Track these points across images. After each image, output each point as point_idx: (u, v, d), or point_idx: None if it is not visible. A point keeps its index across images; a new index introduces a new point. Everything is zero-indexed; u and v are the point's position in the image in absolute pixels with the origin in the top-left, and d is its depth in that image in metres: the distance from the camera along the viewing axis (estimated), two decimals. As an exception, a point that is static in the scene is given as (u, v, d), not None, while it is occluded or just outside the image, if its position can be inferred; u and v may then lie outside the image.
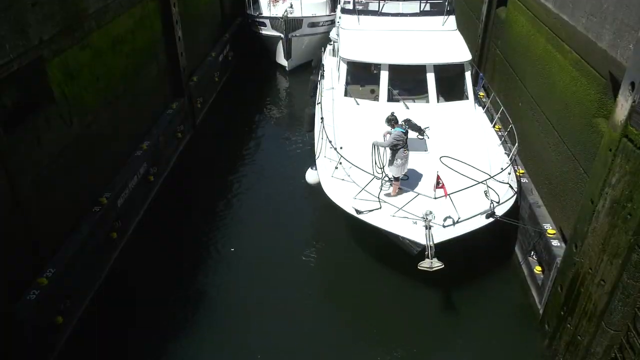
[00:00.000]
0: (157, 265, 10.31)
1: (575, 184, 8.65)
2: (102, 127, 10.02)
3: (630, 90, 6.16)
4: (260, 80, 19.57)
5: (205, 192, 12.72)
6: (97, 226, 9.30)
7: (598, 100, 7.97)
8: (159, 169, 12.29)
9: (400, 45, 12.52)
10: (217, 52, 17.80)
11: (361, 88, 12.57)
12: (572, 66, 8.94)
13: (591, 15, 8.25)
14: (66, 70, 8.79)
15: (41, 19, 7.99)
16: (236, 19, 20.94)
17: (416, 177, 9.58)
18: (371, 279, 10.04)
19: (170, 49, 13.46)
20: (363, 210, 8.86)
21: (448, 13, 13.48)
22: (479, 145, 10.54)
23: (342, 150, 9.97)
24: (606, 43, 7.73)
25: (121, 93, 10.85)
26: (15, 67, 7.47)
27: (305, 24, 18.69)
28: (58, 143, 8.56)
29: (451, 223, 8.43)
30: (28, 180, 7.81)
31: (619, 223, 6.38)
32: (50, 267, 8.11)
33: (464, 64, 12.03)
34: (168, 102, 13.64)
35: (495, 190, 9.23)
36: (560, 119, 9.36)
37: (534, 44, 10.83)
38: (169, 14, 13.07)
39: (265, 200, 12.45)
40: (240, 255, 10.70)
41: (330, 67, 14.32)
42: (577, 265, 7.40)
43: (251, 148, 14.86)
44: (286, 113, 17.72)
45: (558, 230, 9.20)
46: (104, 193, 9.93)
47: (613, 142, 6.49)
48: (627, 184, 6.22)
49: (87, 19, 9.39)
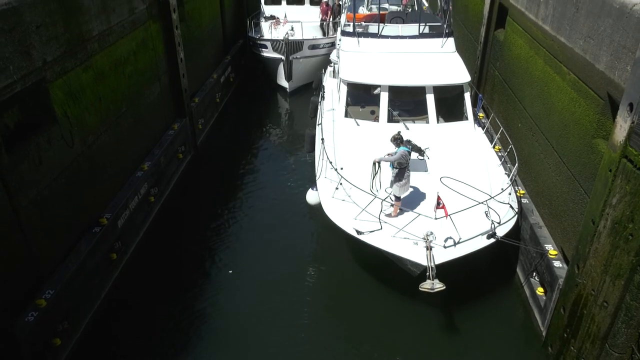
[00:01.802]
0: (156, 286, 10.24)
1: (575, 204, 8.64)
2: (104, 147, 10.07)
3: (629, 111, 6.20)
4: (261, 101, 19.71)
5: (206, 212, 12.70)
6: (96, 247, 9.26)
7: (597, 121, 8.01)
8: (159, 189, 12.30)
9: (400, 67, 12.63)
10: (219, 73, 17.97)
11: (361, 109, 12.64)
12: (570, 87, 9.01)
13: (588, 37, 8.35)
14: (69, 91, 8.86)
15: (45, 40, 8.09)
16: (238, 41, 21.20)
17: (417, 198, 9.57)
18: (372, 300, 9.95)
19: (172, 70, 13.60)
20: (364, 231, 8.83)
21: (447, 35, 13.63)
22: (479, 166, 10.56)
23: (343, 171, 9.99)
24: (604, 65, 7.80)
25: (123, 114, 10.93)
26: (19, 88, 7.53)
27: (305, 46, 18.91)
28: (59, 163, 8.58)
29: (452, 244, 8.40)
30: (29, 200, 7.81)
31: (621, 244, 6.35)
32: (49, 289, 8.05)
33: (463, 85, 12.12)
34: (169, 123, 13.72)
35: (495, 210, 9.21)
36: (559, 140, 9.40)
37: (532, 65, 10.93)
38: (171, 36, 13.25)
39: (265, 221, 12.41)
40: (239, 276, 10.62)
41: (331, 89, 14.44)
42: (580, 287, 7.35)
43: (252, 169, 14.89)
44: (287, 134, 17.80)
45: (560, 251, 9.16)
46: (104, 213, 9.92)
47: (613, 163, 6.50)
48: (627, 204, 6.21)
49: (91, 41, 9.51)
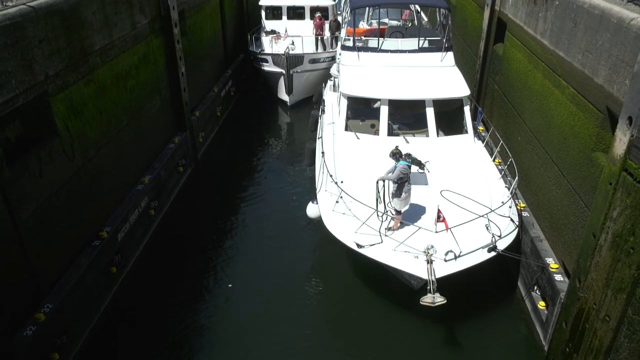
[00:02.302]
0: (156, 300, 10.19)
1: (576, 217, 8.63)
2: (104, 160, 10.09)
3: (628, 124, 6.22)
4: (261, 115, 19.79)
5: (206, 226, 12.68)
6: (96, 260, 9.24)
7: (596, 135, 8.03)
8: (159, 202, 12.30)
9: (399, 81, 12.71)
10: (220, 87, 18.08)
11: (361, 123, 12.69)
12: (569, 101, 9.05)
13: (587, 51, 8.41)
14: (70, 105, 8.91)
15: (47, 54, 8.16)
16: (239, 55, 21.35)
17: (417, 211, 9.57)
18: (373, 313, 9.89)
19: (173, 84, 13.68)
20: (364, 245, 8.82)
21: (446, 50, 13.74)
22: (479, 179, 10.57)
23: (343, 185, 9.99)
24: (602, 78, 7.85)
25: (124, 127, 10.97)
26: (21, 102, 7.58)
27: (306, 60, 19.03)
28: (60, 176, 8.59)
29: (453, 257, 8.37)
30: (29, 213, 7.81)
31: (622, 257, 6.33)
32: (48, 302, 8.02)
33: (463, 99, 12.18)
34: (170, 137, 13.76)
35: (496, 224, 9.20)
36: (559, 153, 9.42)
37: (531, 79, 11.00)
38: (172, 51, 13.35)
39: (265, 234, 12.39)
40: (239, 290, 10.57)
41: (331, 102, 14.51)
42: (581, 301, 7.30)
43: (252, 182, 14.90)
44: (287, 147, 17.84)
45: (561, 264, 9.13)
46: (104, 227, 9.90)
47: (613, 176, 6.50)
48: (628, 217, 6.20)
49: (93, 55, 9.59)
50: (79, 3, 9.07)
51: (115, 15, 10.40)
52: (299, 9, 21.40)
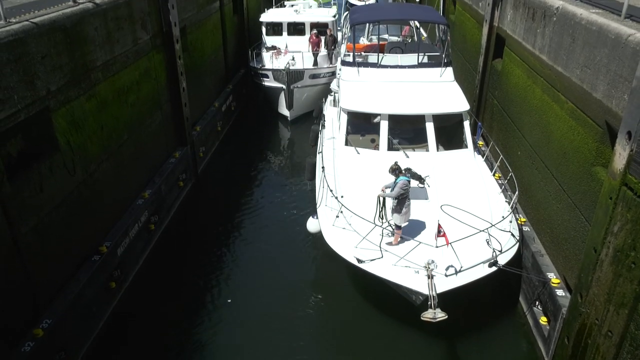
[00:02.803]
0: (155, 316, 10.12)
1: (577, 232, 8.61)
2: (105, 175, 10.10)
3: (627, 139, 6.24)
4: (262, 129, 19.86)
5: (206, 240, 12.65)
6: (95, 275, 9.20)
7: (596, 149, 8.05)
8: (160, 217, 12.29)
9: (399, 96, 12.77)
10: (220, 102, 18.17)
11: (361, 137, 12.73)
12: (568, 116, 9.09)
13: (585, 66, 8.47)
14: (71, 120, 8.95)
15: (50, 70, 8.22)
16: (239, 70, 21.51)
17: (417, 226, 9.55)
18: (373, 329, 9.82)
19: (174, 99, 13.75)
20: (364, 260, 8.78)
21: (445, 65, 13.83)
22: (480, 194, 10.56)
23: (343, 199, 9.99)
24: (601, 93, 7.89)
25: (125, 142, 11.00)
26: (22, 117, 7.61)
27: (306, 75, 19.16)
28: (60, 191, 8.60)
29: (453, 272, 8.34)
30: (29, 227, 7.80)
31: (624, 272, 6.31)
32: (47, 318, 7.97)
33: (463, 114, 12.23)
34: (171, 151, 13.80)
35: (497, 238, 9.17)
36: (559, 168, 9.43)
37: (530, 94, 11.05)
38: (174, 66, 13.44)
39: (266, 249, 12.35)
40: (238, 305, 10.50)
41: (331, 117, 14.56)
42: (583, 316, 7.26)
43: (252, 196, 14.90)
44: (287, 162, 17.87)
45: (562, 279, 9.09)
46: (104, 241, 9.88)
47: (613, 191, 6.51)
48: (629, 232, 6.19)
49: (94, 70, 9.66)
50: (82, 19, 9.17)
51: (117, 31, 10.50)
52: (299, 25, 21.60)
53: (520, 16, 11.85)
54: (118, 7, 10.54)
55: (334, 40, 20.54)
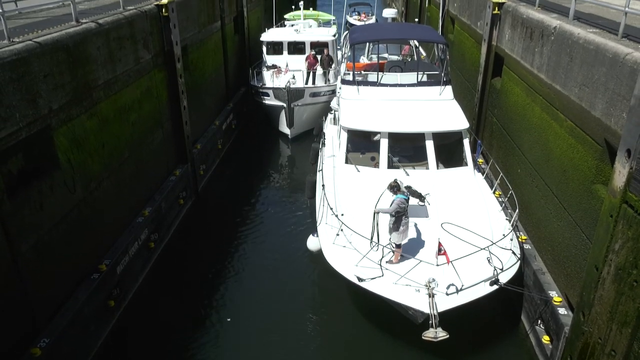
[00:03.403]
0: (154, 334, 10.03)
1: (578, 250, 8.58)
2: (105, 193, 10.10)
3: (627, 157, 6.26)
4: (262, 147, 19.92)
5: (206, 258, 12.59)
6: (94, 294, 9.15)
7: (596, 167, 8.07)
8: (159, 235, 12.26)
9: (399, 114, 12.83)
10: (221, 120, 18.26)
11: (361, 155, 12.76)
12: (568, 134, 9.13)
13: (583, 85, 8.53)
14: (73, 138, 8.99)
15: (52, 89, 8.28)
16: (240, 89, 21.66)
17: (418, 244, 9.52)
18: (374, 348, 9.72)
19: (175, 117, 13.82)
20: (365, 278, 8.74)
21: (445, 83, 13.93)
22: (480, 211, 10.55)
23: (343, 217, 9.98)
24: (600, 112, 7.94)
25: (125, 160, 11.03)
26: (24, 135, 7.65)
27: (307, 94, 19.28)
28: (60, 209, 8.59)
29: (454, 291, 8.29)
30: (28, 245, 7.78)
31: (626, 290, 6.27)
32: (45, 337, 7.89)
33: (462, 132, 12.27)
34: (171, 169, 13.83)
35: (498, 256, 9.14)
36: (559, 185, 9.44)
37: (529, 112, 11.11)
38: (175, 85, 13.54)
39: (266, 267, 12.29)
40: (238, 324, 10.42)
41: (331, 135, 14.62)
42: (586, 335, 7.19)
43: (252, 214, 14.88)
44: (288, 180, 17.89)
45: (564, 297, 9.02)
46: (103, 259, 9.85)
47: (613, 209, 6.50)
48: (630, 250, 6.17)
49: (96, 89, 9.73)
50: (84, 39, 9.27)
51: (119, 50, 10.61)
52: (299, 45, 21.81)
53: (518, 35, 11.97)
54: (120, 26, 10.67)
55: (330, 59, 20.75)
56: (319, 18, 27.36)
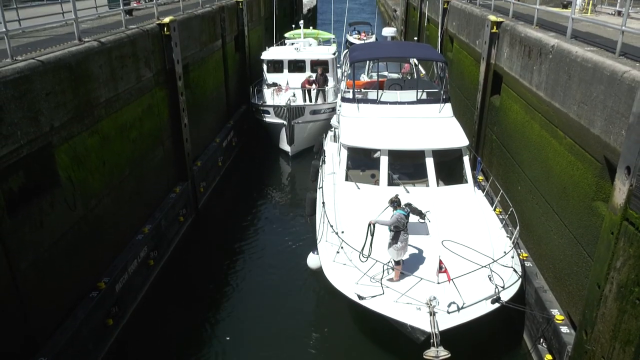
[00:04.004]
0: (152, 353, 9.94)
1: (579, 267, 8.54)
2: (105, 210, 10.10)
3: (627, 174, 6.27)
4: (263, 165, 19.97)
5: (205, 276, 12.53)
6: (93, 312, 9.08)
7: (596, 184, 8.08)
8: (159, 252, 12.21)
9: (399, 132, 12.88)
10: (222, 137, 18.33)
11: (362, 173, 12.77)
12: (567, 151, 9.15)
13: (582, 102, 8.58)
14: (74, 155, 9.01)
15: (53, 107, 8.32)
16: (241, 106, 21.79)
17: (418, 262, 9.48)
18: (375, 368, 9.63)
19: (176, 135, 13.88)
20: (365, 296, 8.68)
21: (444, 101, 14.01)
22: (481, 229, 10.52)
23: (344, 235, 9.95)
24: (599, 129, 7.97)
25: (126, 177, 11.04)
26: (25, 152, 7.67)
27: (307, 111, 19.39)
28: (60, 226, 8.58)
29: (456, 309, 8.22)
30: (27, 263, 7.74)
31: (628, 308, 6.23)
32: (43, 356, 7.81)
33: (462, 149, 12.30)
34: (171, 186, 13.83)
35: (499, 274, 9.09)
36: (560, 203, 9.43)
37: (529, 130, 11.16)
38: (176, 103, 13.62)
39: (265, 285, 12.22)
40: (238, 343, 10.33)
41: (332, 153, 14.66)
42: (589, 354, 7.12)
43: (252, 232, 14.84)
44: (288, 197, 17.89)
45: (566, 315, 8.95)
46: (102, 277, 9.79)
47: (614, 226, 6.49)
48: (632, 267, 6.15)
49: (98, 107, 9.78)
50: (87, 58, 9.36)
51: (121, 69, 10.70)
52: (299, 63, 21.99)
53: (517, 54, 12.09)
54: (122, 45, 10.77)
55: (325, 79, 20.90)
56: (318, 37, 27.64)
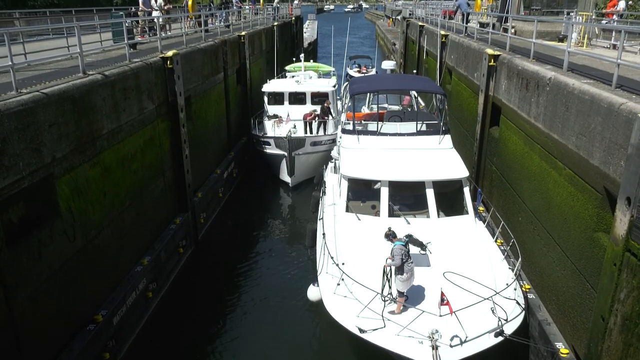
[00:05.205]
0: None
1: (583, 299, 8.44)
2: (105, 241, 10.05)
3: (627, 205, 6.27)
4: (263, 196, 19.98)
5: (204, 308, 12.37)
6: (89, 346, 8.93)
7: (596, 215, 8.05)
8: (158, 284, 12.09)
9: (399, 163, 12.93)
10: (222, 169, 18.40)
11: (362, 204, 12.76)
12: (567, 182, 9.17)
13: (580, 134, 8.65)
14: (75, 186, 9.02)
15: (56, 138, 8.39)
16: (241, 138, 21.95)
17: (420, 294, 9.36)
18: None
19: (177, 166, 13.93)
20: (366, 329, 8.54)
21: (444, 132, 14.12)
22: (482, 260, 10.44)
23: (344, 267, 9.87)
24: (598, 160, 8.00)
25: (126, 208, 11.03)
26: (26, 183, 7.69)
27: (307, 143, 19.52)
28: (59, 258, 8.52)
29: (459, 342, 8.07)
30: (25, 295, 7.66)
31: (634, 341, 6.13)
32: (36, 391, 7.67)
33: (462, 180, 12.32)
34: (171, 217, 13.80)
35: (502, 306, 8.96)
36: (561, 234, 9.39)
37: (528, 161, 11.20)
38: (178, 134, 13.72)
39: (265, 318, 12.06)
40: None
41: (332, 184, 14.68)
42: (595, 389, 6.98)
43: (253, 263, 14.73)
44: (289, 228, 17.83)
45: (571, 349, 8.79)
46: (100, 310, 9.66)
47: (617, 257, 6.45)
48: (636, 299, 6.08)
49: (100, 138, 9.85)
50: (90, 90, 9.48)
51: (124, 101, 10.83)
52: (300, 95, 22.27)
53: (515, 86, 12.24)
54: (126, 78, 10.93)
55: (328, 110, 21.13)
56: (319, 69, 28.07)
